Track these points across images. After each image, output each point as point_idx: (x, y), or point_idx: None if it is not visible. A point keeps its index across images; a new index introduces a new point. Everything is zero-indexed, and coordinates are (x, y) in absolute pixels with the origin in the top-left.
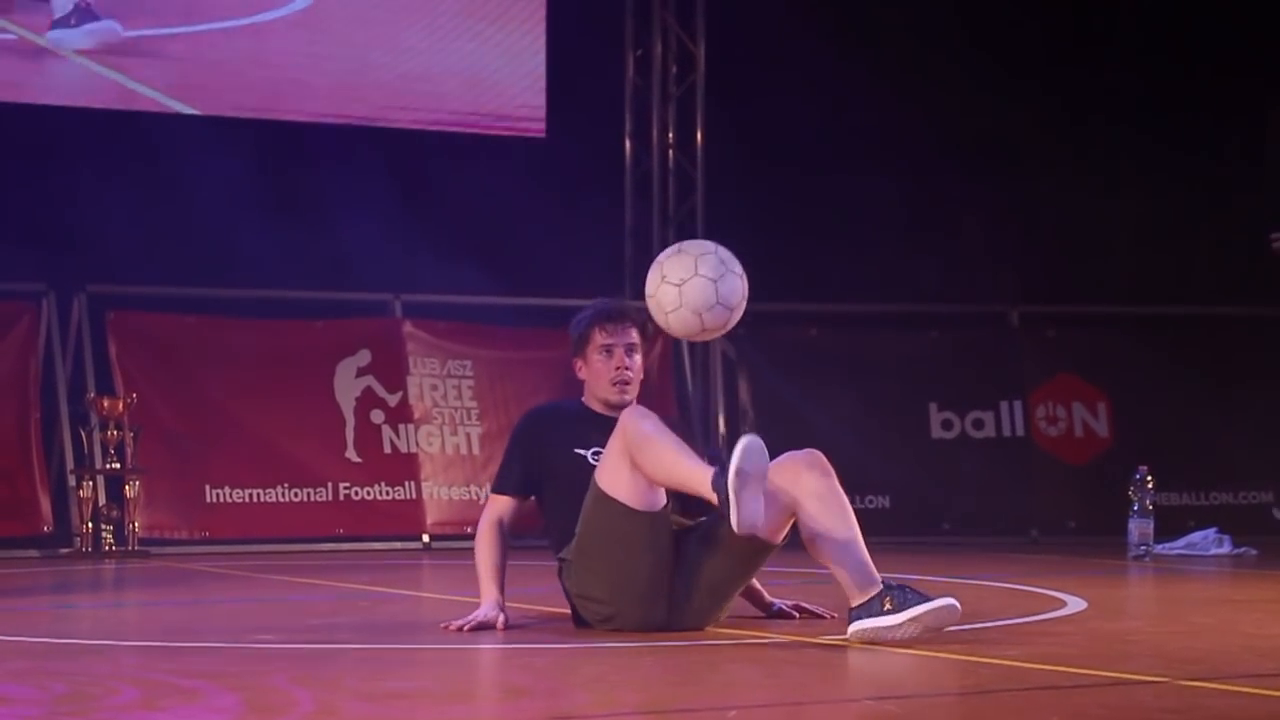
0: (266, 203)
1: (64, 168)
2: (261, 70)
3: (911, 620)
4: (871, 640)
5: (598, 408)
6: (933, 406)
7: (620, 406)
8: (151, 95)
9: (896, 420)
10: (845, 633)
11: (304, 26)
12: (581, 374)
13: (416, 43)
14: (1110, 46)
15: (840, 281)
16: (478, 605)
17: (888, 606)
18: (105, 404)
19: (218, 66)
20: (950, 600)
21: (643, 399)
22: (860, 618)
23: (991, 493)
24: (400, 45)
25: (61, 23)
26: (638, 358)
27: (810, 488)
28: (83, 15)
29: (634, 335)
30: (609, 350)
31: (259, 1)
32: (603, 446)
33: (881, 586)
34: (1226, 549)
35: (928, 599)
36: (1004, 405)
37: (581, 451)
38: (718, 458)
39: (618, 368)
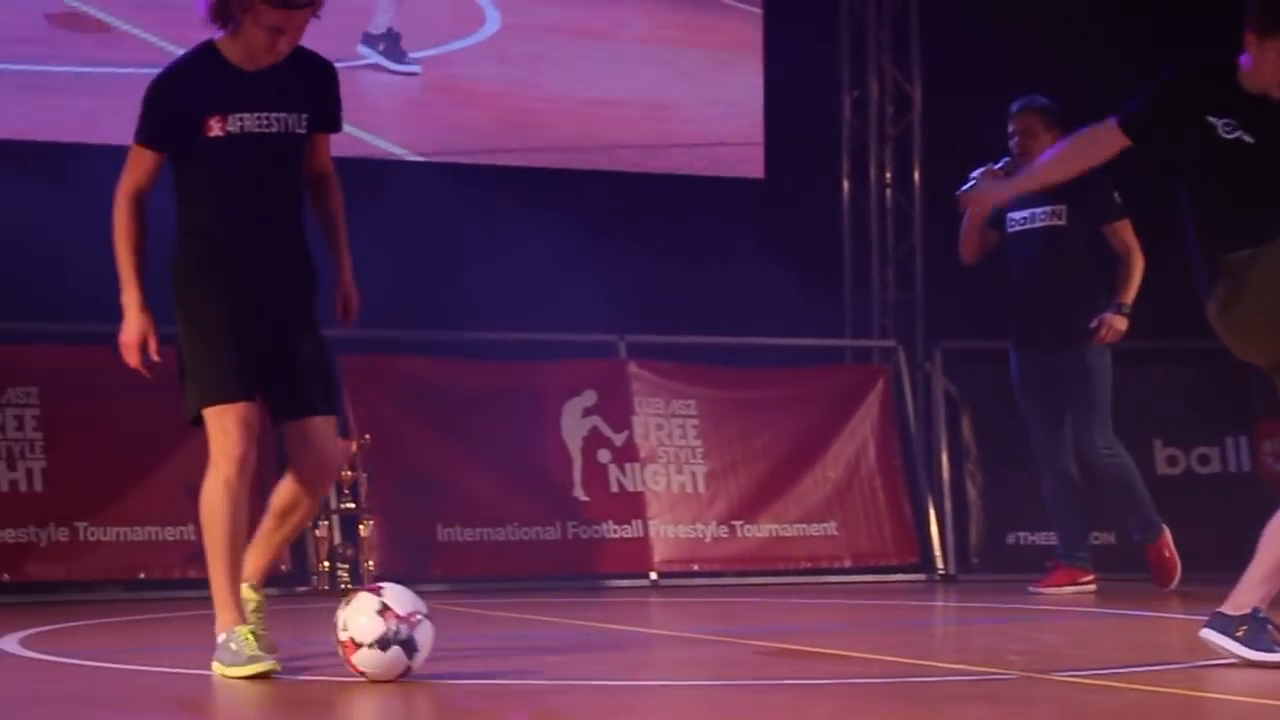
0: (495, 246)
1: None
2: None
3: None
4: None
5: None
6: (1157, 443)
7: None
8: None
9: None
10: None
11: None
12: None
13: (631, 86)
14: None
15: None
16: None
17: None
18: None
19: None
20: None
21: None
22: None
23: (1219, 528)
24: (621, 88)
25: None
26: None
27: None
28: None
29: None
30: None
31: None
32: None
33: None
34: None
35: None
36: (1229, 441)
37: None
38: None
39: None
